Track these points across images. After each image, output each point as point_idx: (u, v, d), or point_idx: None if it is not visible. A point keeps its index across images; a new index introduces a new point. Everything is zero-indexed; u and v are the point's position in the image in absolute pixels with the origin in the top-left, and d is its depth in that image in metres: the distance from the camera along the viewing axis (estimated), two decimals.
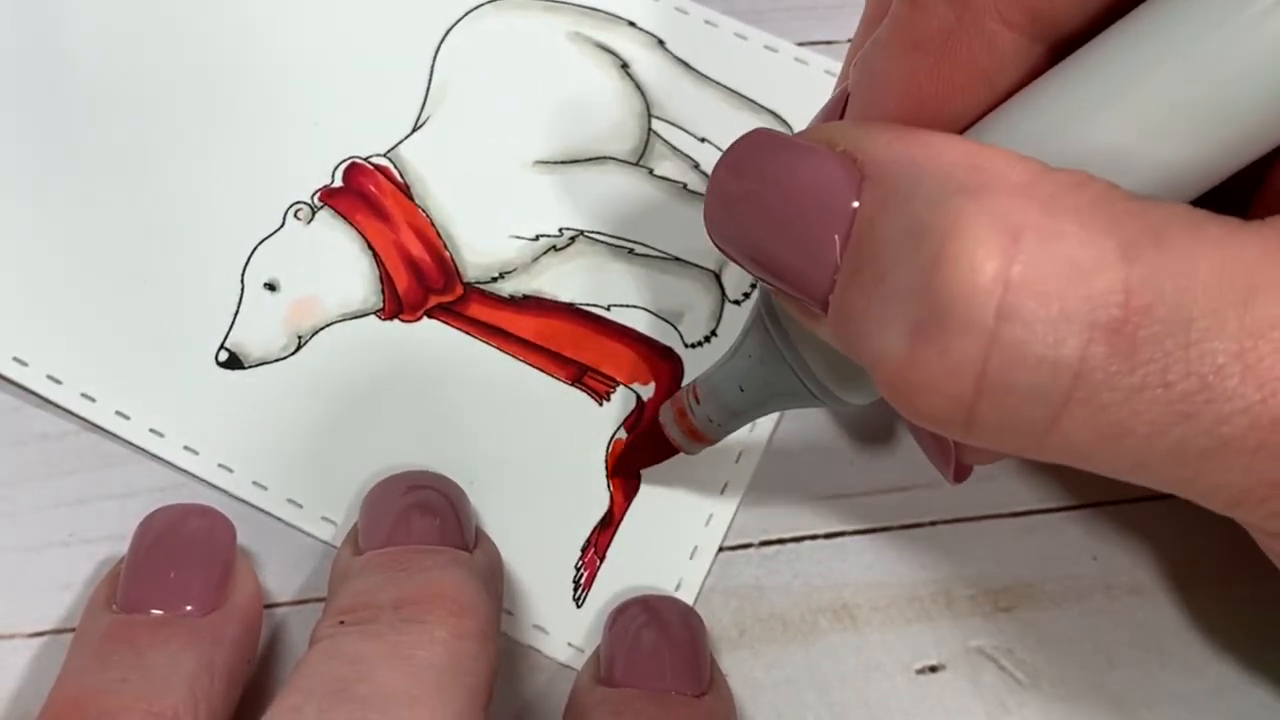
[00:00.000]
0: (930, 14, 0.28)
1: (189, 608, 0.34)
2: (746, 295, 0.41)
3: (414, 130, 0.43)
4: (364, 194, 0.42)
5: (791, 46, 0.45)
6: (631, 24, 0.45)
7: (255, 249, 0.41)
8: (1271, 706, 0.36)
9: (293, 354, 0.40)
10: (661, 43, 0.45)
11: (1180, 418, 0.23)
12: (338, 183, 0.42)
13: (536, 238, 0.42)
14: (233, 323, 0.40)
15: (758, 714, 0.37)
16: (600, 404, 0.40)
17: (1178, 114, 0.25)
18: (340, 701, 0.30)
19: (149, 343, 0.40)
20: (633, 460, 0.39)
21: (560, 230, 0.42)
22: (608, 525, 0.39)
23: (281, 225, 0.42)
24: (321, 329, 0.40)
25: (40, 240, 0.41)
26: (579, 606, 0.38)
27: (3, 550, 0.38)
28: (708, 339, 0.41)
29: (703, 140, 0.43)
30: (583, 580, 0.38)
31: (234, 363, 0.40)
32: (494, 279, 0.41)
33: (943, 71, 0.28)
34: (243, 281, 0.41)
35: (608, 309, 0.41)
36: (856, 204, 0.26)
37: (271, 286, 0.41)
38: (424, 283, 0.41)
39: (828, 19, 0.44)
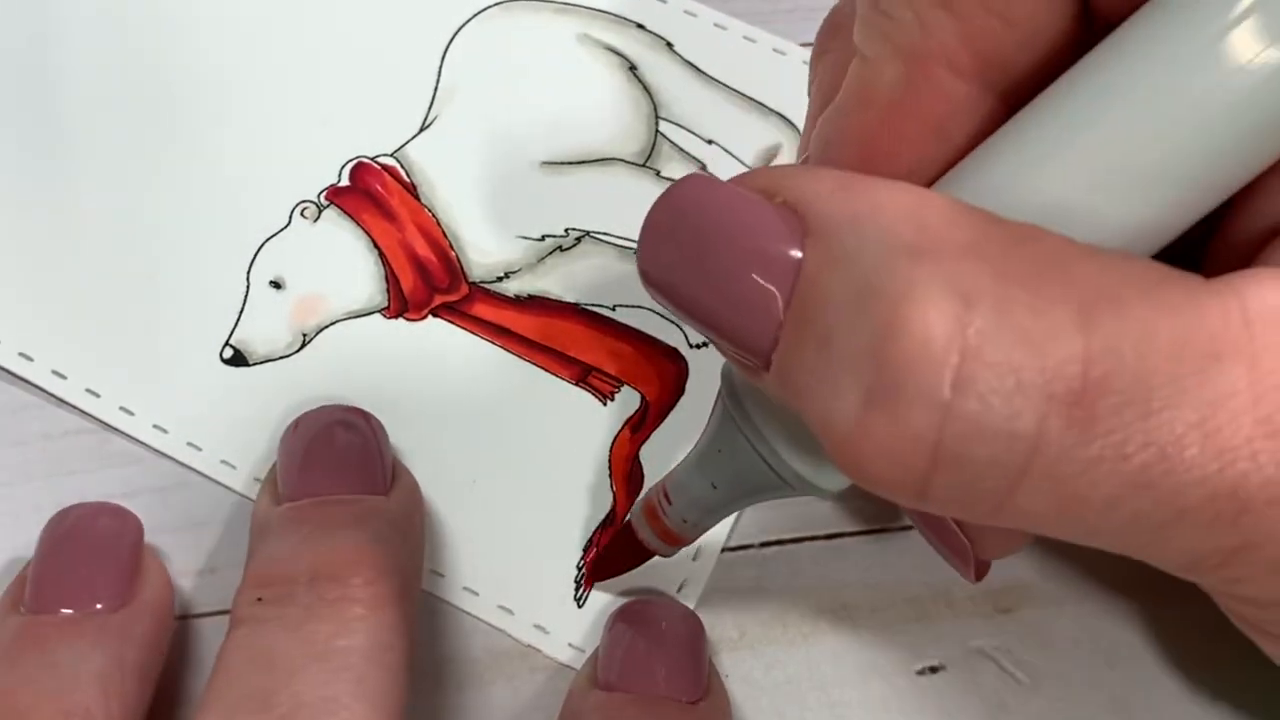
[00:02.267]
0: (881, 68, 0.27)
1: (98, 605, 0.34)
2: None
3: (421, 130, 0.43)
4: (370, 193, 0.42)
5: (800, 49, 0.45)
6: (640, 26, 0.45)
7: (261, 247, 0.41)
8: (1272, 707, 0.36)
9: (297, 352, 0.40)
10: (670, 45, 0.45)
11: (1138, 489, 0.23)
12: (344, 182, 0.42)
13: (542, 238, 0.42)
14: (238, 320, 0.40)
15: (758, 715, 0.37)
16: (604, 404, 0.40)
17: (1127, 167, 0.24)
18: (260, 710, 0.30)
19: (154, 339, 0.40)
20: (606, 568, 0.38)
21: (566, 231, 0.42)
22: (610, 525, 0.39)
23: (288, 223, 0.42)
24: (326, 327, 0.41)
25: (46, 237, 0.41)
26: (580, 606, 0.38)
27: (3, 550, 0.38)
28: None
29: (710, 142, 0.43)
30: (584, 580, 0.38)
31: (238, 360, 0.40)
32: (499, 279, 0.41)
33: (895, 125, 0.27)
34: (248, 279, 0.41)
35: (613, 309, 0.41)
36: (798, 254, 0.25)
37: (277, 284, 0.41)
38: (429, 282, 0.41)
39: None
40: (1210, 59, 0.23)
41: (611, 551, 0.37)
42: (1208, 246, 0.28)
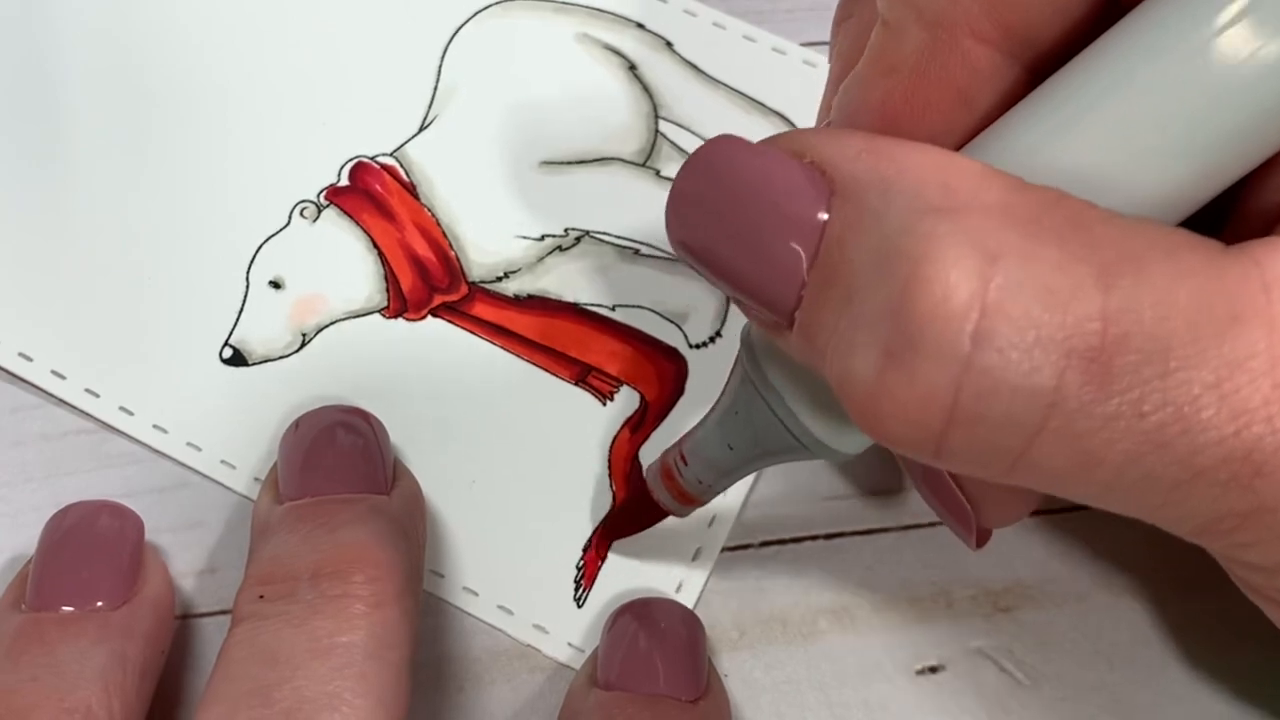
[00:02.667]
0: (905, 35, 0.27)
1: (99, 603, 0.34)
2: None
3: (421, 130, 0.43)
4: (370, 193, 0.42)
5: (800, 49, 0.45)
6: (640, 26, 0.45)
7: (260, 246, 0.41)
8: (1272, 708, 0.36)
9: (296, 352, 0.40)
10: (670, 44, 0.45)
11: (1154, 448, 0.23)
12: (344, 182, 0.42)
13: (542, 238, 0.42)
14: (237, 320, 0.40)
15: (758, 714, 0.37)
16: (604, 404, 0.40)
17: (1153, 137, 0.24)
18: (263, 706, 0.30)
19: (153, 339, 0.40)
20: (621, 527, 0.38)
21: (566, 230, 0.42)
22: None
23: (287, 223, 0.42)
24: (326, 327, 0.41)
25: (46, 237, 0.41)
26: (580, 606, 0.38)
27: (2, 550, 0.38)
28: (712, 339, 0.41)
29: None
30: (583, 580, 0.38)
31: (238, 360, 0.40)
32: (499, 278, 0.41)
33: (919, 92, 0.27)
34: (248, 279, 0.41)
35: (612, 309, 0.41)
36: (824, 216, 0.25)
37: (276, 284, 0.41)
38: (429, 282, 0.41)
39: (830, 20, 0.44)
40: (1235, 34, 0.23)
41: (627, 511, 0.38)
42: (1229, 215, 0.28)
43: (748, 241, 0.26)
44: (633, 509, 0.37)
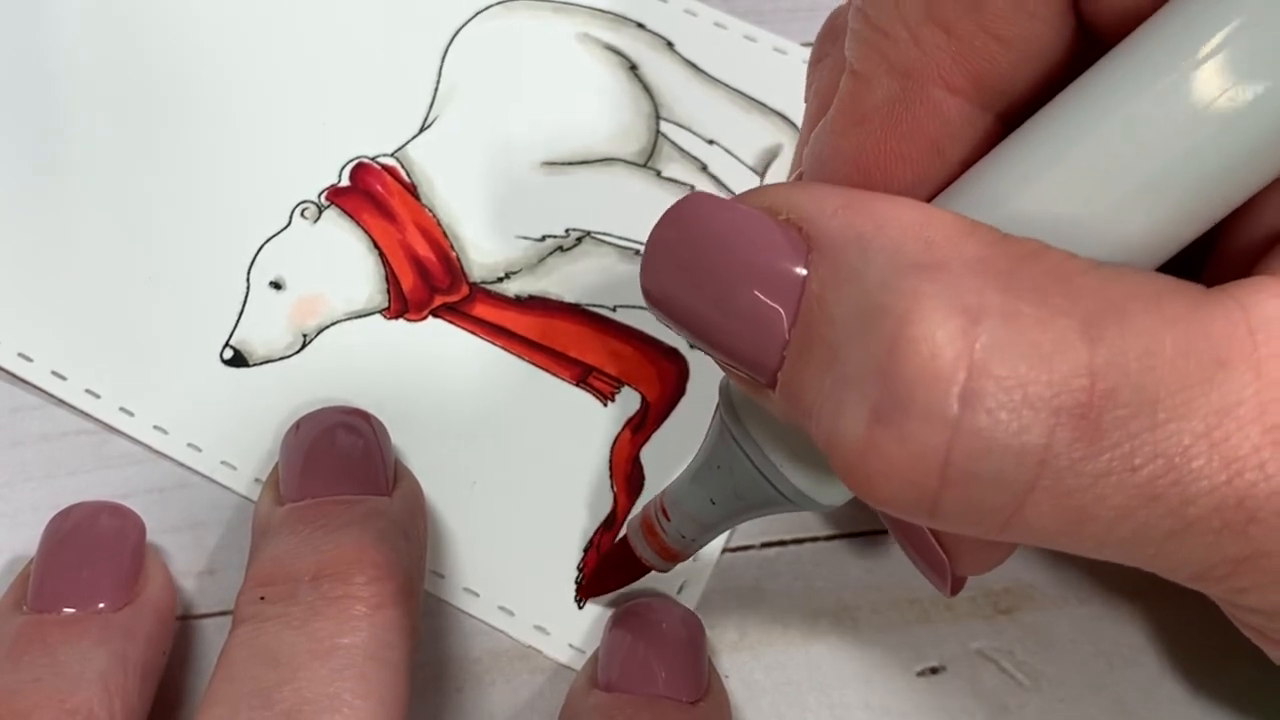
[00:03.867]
0: (874, 85, 0.27)
1: (101, 604, 0.34)
2: None
3: (422, 130, 0.43)
4: (371, 194, 0.42)
5: (801, 49, 0.45)
6: (640, 26, 0.45)
7: (261, 247, 0.41)
8: (1272, 708, 0.36)
9: (297, 352, 0.40)
10: (670, 45, 0.45)
11: (1146, 501, 0.23)
12: (345, 182, 0.42)
13: (543, 238, 0.42)
14: (238, 321, 0.40)
15: (758, 716, 0.37)
16: (604, 404, 0.40)
17: (1128, 179, 0.24)
18: (264, 707, 0.30)
19: (154, 340, 0.40)
20: (602, 583, 0.38)
21: (566, 231, 0.42)
22: (611, 526, 0.39)
23: (288, 224, 0.42)
24: (326, 327, 0.41)
25: (46, 238, 0.41)
26: (580, 608, 0.38)
27: (2, 551, 0.38)
28: None
29: (711, 142, 0.43)
30: (579, 594, 0.38)
31: (239, 360, 0.40)
32: (500, 279, 0.41)
33: (890, 142, 0.27)
34: (248, 280, 0.41)
35: (613, 310, 0.41)
36: (802, 271, 0.25)
37: (277, 285, 0.41)
38: (429, 282, 0.41)
39: None
40: (1206, 77, 0.23)
41: (607, 567, 0.37)
42: (1208, 256, 0.27)
43: (726, 302, 0.26)
44: (614, 565, 0.36)
